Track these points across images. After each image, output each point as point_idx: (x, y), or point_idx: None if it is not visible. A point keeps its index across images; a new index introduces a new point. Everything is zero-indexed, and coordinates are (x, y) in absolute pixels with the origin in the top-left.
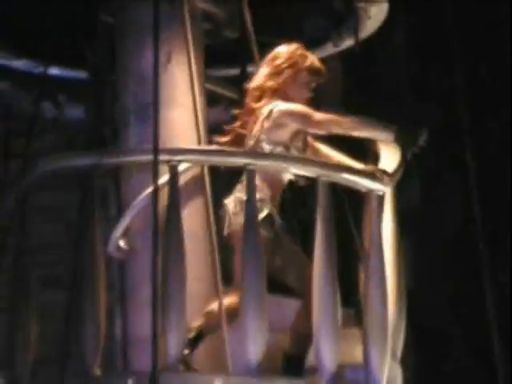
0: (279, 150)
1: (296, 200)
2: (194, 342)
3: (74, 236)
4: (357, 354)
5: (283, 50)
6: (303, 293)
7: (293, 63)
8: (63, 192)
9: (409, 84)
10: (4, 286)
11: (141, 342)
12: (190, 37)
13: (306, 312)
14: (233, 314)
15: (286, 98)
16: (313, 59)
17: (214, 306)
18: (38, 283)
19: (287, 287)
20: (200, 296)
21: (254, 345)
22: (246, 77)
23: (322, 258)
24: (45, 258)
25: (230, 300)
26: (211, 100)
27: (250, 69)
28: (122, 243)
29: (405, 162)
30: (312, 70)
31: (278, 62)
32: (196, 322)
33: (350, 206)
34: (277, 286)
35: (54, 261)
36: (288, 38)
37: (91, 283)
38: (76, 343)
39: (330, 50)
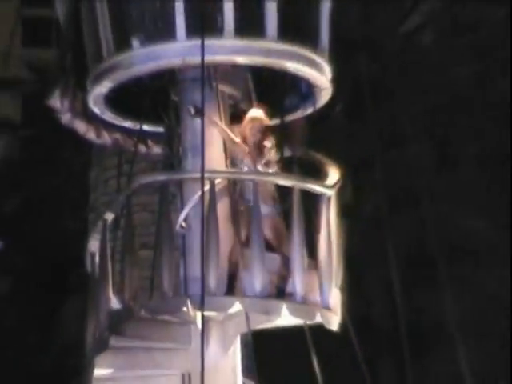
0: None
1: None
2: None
3: (157, 219)
4: (315, 285)
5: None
6: (283, 251)
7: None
8: (151, 194)
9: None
10: (118, 247)
11: (194, 278)
12: (221, 109)
13: (285, 262)
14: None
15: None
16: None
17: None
18: (138, 245)
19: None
20: (225, 252)
21: (259, 279)
22: None
23: (296, 232)
24: (142, 232)
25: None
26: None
27: None
28: (183, 224)
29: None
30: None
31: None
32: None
33: (311, 204)
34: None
35: (147, 233)
36: (272, 106)
37: (167, 245)
38: (158, 278)
39: (299, 114)
